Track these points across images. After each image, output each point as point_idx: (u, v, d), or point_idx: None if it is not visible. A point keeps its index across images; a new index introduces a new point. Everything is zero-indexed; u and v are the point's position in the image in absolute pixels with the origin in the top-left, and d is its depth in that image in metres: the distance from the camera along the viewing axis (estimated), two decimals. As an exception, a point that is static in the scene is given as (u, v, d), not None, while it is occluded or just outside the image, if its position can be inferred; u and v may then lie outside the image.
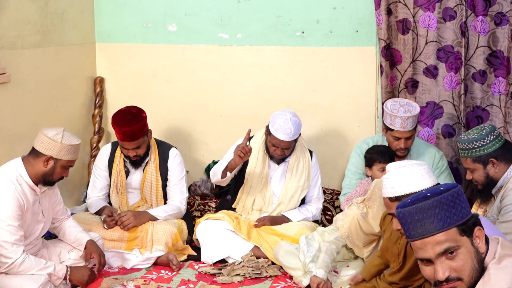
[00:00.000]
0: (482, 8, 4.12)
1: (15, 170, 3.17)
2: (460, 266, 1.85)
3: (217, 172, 3.95)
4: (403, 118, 3.79)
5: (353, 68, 4.57)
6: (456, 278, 1.85)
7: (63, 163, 3.20)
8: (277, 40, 4.65)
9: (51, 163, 3.18)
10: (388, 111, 3.86)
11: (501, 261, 1.85)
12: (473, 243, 1.87)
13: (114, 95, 4.98)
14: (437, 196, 1.86)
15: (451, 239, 1.84)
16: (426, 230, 1.85)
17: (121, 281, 3.50)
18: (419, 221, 1.85)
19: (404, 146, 3.87)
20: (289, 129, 3.81)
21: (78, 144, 3.24)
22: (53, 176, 3.22)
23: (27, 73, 4.08)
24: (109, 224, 3.82)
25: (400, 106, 3.84)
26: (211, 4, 4.71)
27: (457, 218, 1.85)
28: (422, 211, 1.86)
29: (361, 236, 3.48)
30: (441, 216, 1.84)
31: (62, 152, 3.17)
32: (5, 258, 3.05)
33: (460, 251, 1.85)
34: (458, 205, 1.86)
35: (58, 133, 3.19)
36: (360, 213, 3.45)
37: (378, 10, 4.30)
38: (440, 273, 1.84)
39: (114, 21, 4.89)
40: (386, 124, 3.90)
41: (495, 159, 3.26)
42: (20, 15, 3.97)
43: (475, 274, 1.85)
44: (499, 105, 4.24)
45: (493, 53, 4.19)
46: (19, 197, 3.10)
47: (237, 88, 4.79)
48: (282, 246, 3.62)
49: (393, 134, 3.87)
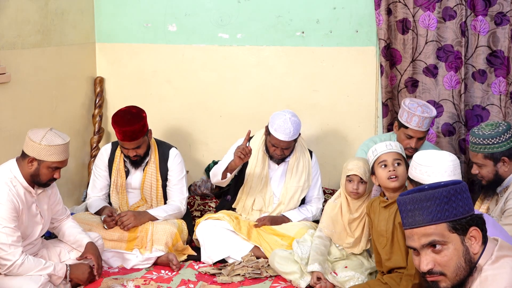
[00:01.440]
0: (481, 8, 4.13)
1: (10, 172, 3.15)
2: (444, 261, 1.87)
3: (217, 173, 3.95)
4: (420, 118, 3.76)
5: (353, 68, 4.57)
6: (439, 272, 1.88)
7: (48, 164, 3.13)
8: (277, 40, 4.65)
9: (35, 164, 3.13)
10: (406, 108, 3.81)
11: (497, 261, 1.85)
12: (464, 242, 1.87)
13: (114, 95, 4.98)
14: (432, 189, 1.88)
15: (439, 233, 1.86)
16: (415, 221, 1.89)
17: (121, 281, 3.50)
18: (411, 211, 1.90)
19: (415, 146, 3.83)
20: (288, 129, 3.80)
21: (62, 144, 3.14)
22: (40, 178, 3.17)
23: (27, 73, 4.08)
24: (109, 224, 3.82)
25: (418, 105, 3.81)
26: (211, 4, 4.71)
27: (449, 214, 1.86)
28: (415, 202, 1.89)
29: (340, 223, 3.59)
30: (432, 210, 1.86)
31: (43, 153, 3.10)
32: (4, 260, 3.05)
33: (446, 247, 1.86)
34: (454, 202, 1.87)
35: (41, 133, 3.12)
36: (334, 200, 3.65)
37: (378, 10, 4.30)
38: (423, 264, 1.89)
39: (114, 21, 4.89)
40: (402, 121, 3.85)
41: (507, 158, 3.25)
42: (20, 15, 3.97)
43: (460, 272, 1.87)
44: (499, 104, 4.24)
45: (494, 53, 4.20)
46: (13, 199, 3.08)
47: (237, 88, 4.79)
48: (276, 253, 3.63)
49: (407, 132, 3.83)
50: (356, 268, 3.48)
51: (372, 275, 3.48)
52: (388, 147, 3.26)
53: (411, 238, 1.91)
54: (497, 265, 1.85)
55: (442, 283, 1.89)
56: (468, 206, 1.89)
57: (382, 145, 3.28)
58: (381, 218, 3.21)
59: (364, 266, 3.51)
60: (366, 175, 3.50)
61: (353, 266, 3.50)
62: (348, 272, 3.45)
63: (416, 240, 1.90)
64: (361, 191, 3.52)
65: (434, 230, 1.86)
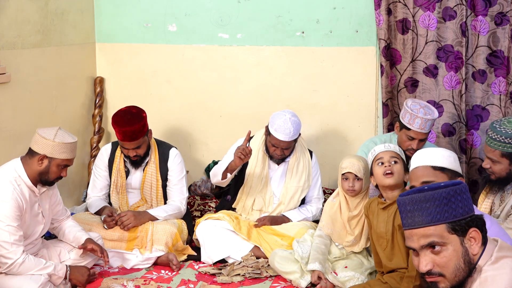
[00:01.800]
0: (482, 8, 4.14)
1: (14, 171, 3.16)
2: (443, 262, 1.87)
3: (217, 173, 3.96)
4: (423, 120, 3.75)
5: (353, 68, 4.57)
6: (438, 273, 1.88)
7: (58, 161, 3.18)
8: (277, 40, 4.65)
9: (46, 162, 3.16)
10: (408, 109, 3.80)
11: (497, 262, 1.85)
12: (463, 243, 1.87)
13: (114, 95, 4.98)
14: (431, 190, 1.88)
15: (438, 234, 1.86)
16: (414, 222, 1.89)
17: (121, 281, 3.50)
18: (410, 212, 1.90)
19: (416, 148, 3.81)
20: (288, 129, 3.81)
21: (73, 142, 3.21)
22: (49, 176, 3.20)
23: (27, 73, 4.08)
24: (109, 224, 3.82)
25: (420, 107, 3.80)
26: (211, 4, 4.71)
27: (448, 216, 1.86)
28: (414, 202, 1.89)
29: (339, 221, 3.61)
30: (431, 211, 1.86)
31: (56, 150, 3.15)
32: (5, 258, 3.05)
33: (445, 248, 1.86)
34: (453, 203, 1.86)
35: (52, 131, 3.18)
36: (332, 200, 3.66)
37: (378, 10, 4.30)
38: (422, 265, 1.89)
39: (114, 21, 4.89)
40: (404, 122, 3.83)
41: None
42: (20, 15, 3.97)
43: (459, 273, 1.87)
44: (499, 104, 4.24)
45: (494, 53, 4.20)
46: (18, 198, 3.09)
47: (237, 88, 4.80)
48: (276, 253, 3.63)
49: (409, 134, 3.82)
50: (356, 268, 3.48)
51: (372, 275, 3.49)
52: (386, 147, 3.28)
53: (411, 238, 1.91)
54: (497, 265, 1.85)
55: (441, 284, 1.89)
56: (468, 207, 1.89)
57: (380, 146, 3.32)
58: (380, 220, 3.21)
59: (364, 266, 3.51)
60: (361, 172, 3.51)
61: (353, 266, 3.50)
62: (348, 272, 3.45)
63: (415, 240, 1.90)
64: (357, 188, 3.54)
65: (433, 231, 1.86)
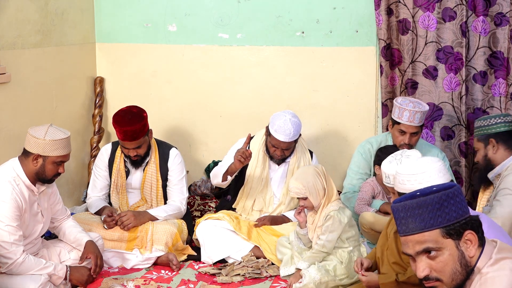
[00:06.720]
0: (482, 8, 4.12)
1: (13, 170, 3.16)
2: (440, 267, 1.86)
3: (218, 174, 3.96)
4: (411, 112, 3.82)
5: (353, 68, 4.57)
6: (435, 278, 1.87)
7: (53, 159, 3.17)
8: (277, 40, 4.65)
9: (40, 160, 3.16)
10: (397, 104, 3.89)
11: (497, 263, 1.85)
12: (459, 246, 1.86)
13: (114, 95, 4.98)
14: (424, 196, 1.87)
15: (432, 240, 1.85)
16: (408, 228, 1.88)
17: (121, 281, 3.50)
18: (404, 219, 1.89)
19: (408, 142, 3.87)
20: (288, 130, 3.81)
21: (65, 138, 3.19)
22: (46, 174, 3.20)
23: (27, 73, 4.08)
24: (109, 224, 3.82)
25: (410, 102, 3.89)
26: (211, 4, 4.71)
27: (441, 220, 1.84)
28: (407, 209, 1.88)
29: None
30: (424, 217, 1.85)
31: (48, 148, 3.14)
32: (5, 258, 3.05)
33: (441, 253, 1.86)
34: (446, 207, 1.85)
35: (43, 129, 3.16)
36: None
37: (378, 10, 4.30)
38: (419, 271, 1.88)
39: (114, 21, 4.89)
40: (394, 117, 3.92)
41: (494, 140, 3.30)
42: (20, 15, 3.97)
43: (457, 277, 1.86)
44: (499, 106, 4.23)
45: (493, 54, 4.19)
46: (17, 198, 3.09)
47: (237, 88, 4.80)
48: (279, 241, 3.68)
49: (399, 128, 3.89)
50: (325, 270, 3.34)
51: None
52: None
53: (406, 245, 1.91)
54: (496, 267, 1.84)
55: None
56: (462, 209, 1.87)
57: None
58: (393, 247, 2.94)
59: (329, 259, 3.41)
60: (302, 191, 3.35)
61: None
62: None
63: (410, 247, 1.89)
64: (308, 205, 3.39)
65: (427, 237, 1.85)
